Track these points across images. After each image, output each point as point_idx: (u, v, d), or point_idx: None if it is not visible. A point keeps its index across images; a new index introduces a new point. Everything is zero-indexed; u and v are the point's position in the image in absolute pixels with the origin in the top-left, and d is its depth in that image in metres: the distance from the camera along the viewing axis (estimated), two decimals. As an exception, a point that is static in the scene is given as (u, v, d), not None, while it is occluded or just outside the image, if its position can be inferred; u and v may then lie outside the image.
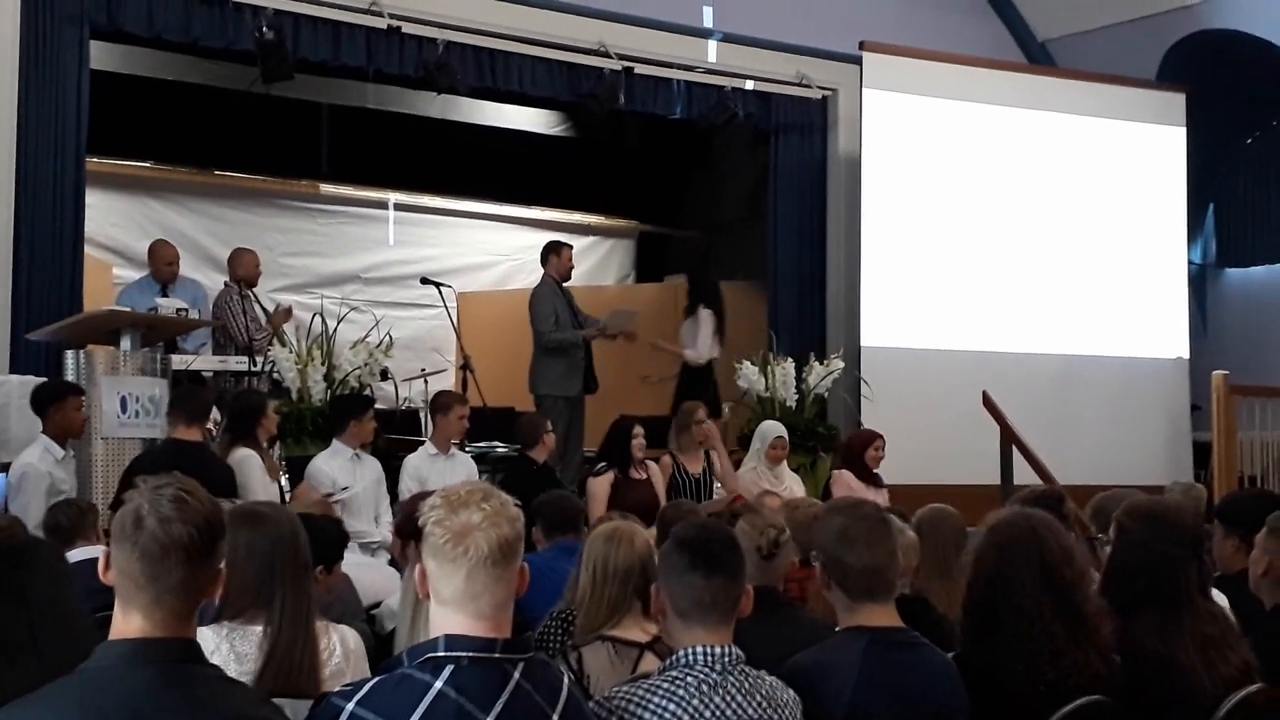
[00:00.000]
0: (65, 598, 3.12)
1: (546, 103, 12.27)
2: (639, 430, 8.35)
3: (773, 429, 8.96)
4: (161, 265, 9.64)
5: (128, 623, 2.38)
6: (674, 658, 3.00)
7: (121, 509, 2.42)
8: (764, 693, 2.99)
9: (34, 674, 2.52)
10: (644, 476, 8.24)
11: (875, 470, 8.84)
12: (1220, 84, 12.10)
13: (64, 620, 3.00)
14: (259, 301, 9.78)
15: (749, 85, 11.38)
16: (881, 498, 8.42)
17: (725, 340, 10.59)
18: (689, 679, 2.93)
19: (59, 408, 6.81)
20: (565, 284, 10.21)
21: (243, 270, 9.83)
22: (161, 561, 2.36)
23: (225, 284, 9.97)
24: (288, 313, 9.83)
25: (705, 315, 10.43)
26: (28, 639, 2.91)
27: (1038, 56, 12.93)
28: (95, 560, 2.50)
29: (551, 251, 10.33)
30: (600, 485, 8.15)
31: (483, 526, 2.55)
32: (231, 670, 2.97)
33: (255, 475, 6.98)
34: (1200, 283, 12.82)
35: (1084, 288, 11.73)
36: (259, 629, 3.23)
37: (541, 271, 10.32)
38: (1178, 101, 12.16)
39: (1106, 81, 12.01)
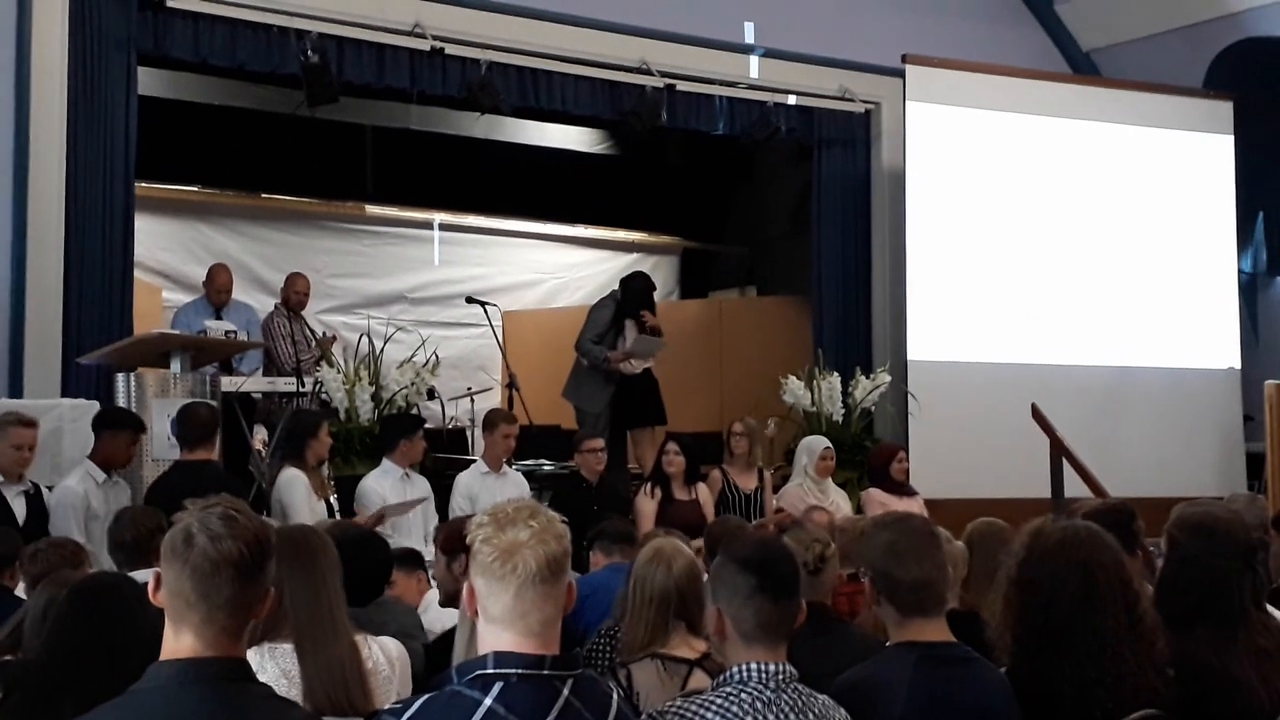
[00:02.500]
0: (148, 631, 3.10)
1: (589, 121, 12.29)
2: (670, 447, 8.37)
3: (819, 442, 8.94)
4: (215, 290, 9.79)
5: (179, 642, 2.41)
6: (728, 674, 2.98)
7: (171, 529, 2.45)
8: (816, 711, 2.96)
9: None
10: (690, 496, 8.24)
11: (902, 481, 8.81)
12: (1267, 91, 11.98)
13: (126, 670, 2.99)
14: (306, 324, 9.86)
15: (791, 100, 11.35)
16: (916, 505, 8.39)
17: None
18: (743, 696, 2.91)
19: (110, 436, 6.84)
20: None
21: (292, 293, 9.96)
22: (212, 578, 2.39)
23: (275, 306, 10.08)
24: (332, 340, 9.95)
25: (629, 326, 10.15)
26: (107, 677, 2.89)
27: (1082, 66, 12.84)
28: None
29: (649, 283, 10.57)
30: (646, 504, 8.17)
31: (530, 544, 2.55)
32: (282, 690, 2.98)
33: (300, 495, 7.04)
34: (1251, 292, 12.66)
35: (1133, 298, 11.62)
36: (291, 645, 3.25)
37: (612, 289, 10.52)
38: (1225, 109, 12.06)
39: (1152, 90, 11.93)
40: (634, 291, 10.26)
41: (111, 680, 2.82)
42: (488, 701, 2.48)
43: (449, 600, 5.16)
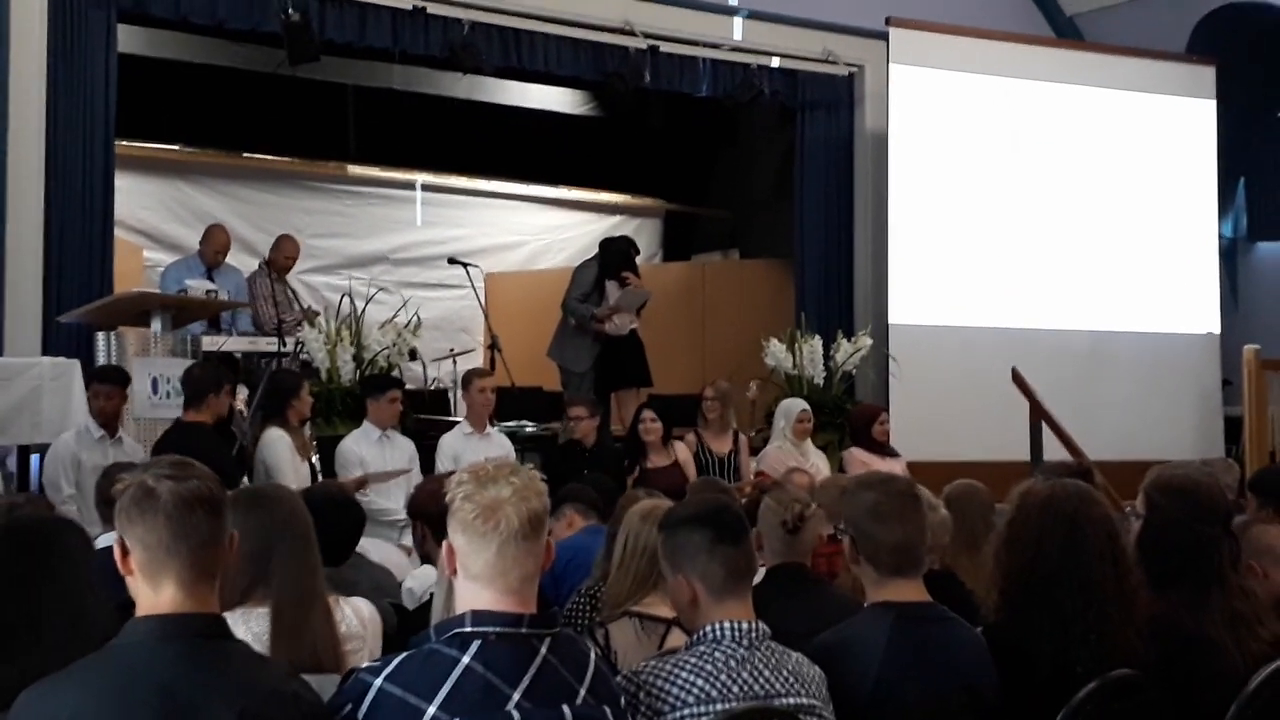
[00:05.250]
0: (80, 586, 2.92)
1: (572, 82, 12.26)
2: (646, 415, 8.37)
3: (796, 404, 8.95)
4: (212, 250, 9.72)
5: (159, 596, 2.40)
6: (702, 633, 3.00)
7: (126, 493, 2.43)
8: (790, 668, 2.99)
9: (34, 666, 2.43)
10: (668, 461, 8.25)
11: (884, 442, 8.83)
12: (1250, 56, 12.00)
13: (76, 610, 2.84)
14: (289, 285, 9.83)
15: (775, 62, 11.32)
16: (899, 467, 8.42)
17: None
18: (717, 654, 2.94)
19: (88, 392, 6.93)
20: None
21: (279, 256, 9.91)
22: (188, 516, 2.39)
23: (260, 265, 10.03)
24: (316, 315, 9.89)
25: (610, 287, 10.11)
26: (26, 627, 2.77)
27: (1065, 30, 12.83)
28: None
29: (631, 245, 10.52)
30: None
31: (512, 501, 2.57)
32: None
33: (284, 455, 7.03)
34: (1231, 257, 12.72)
35: (1114, 263, 11.66)
36: (267, 609, 3.24)
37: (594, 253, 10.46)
38: (1207, 74, 12.06)
39: (1135, 55, 11.91)
40: (614, 253, 10.24)
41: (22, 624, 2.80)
42: (465, 659, 2.50)
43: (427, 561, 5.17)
